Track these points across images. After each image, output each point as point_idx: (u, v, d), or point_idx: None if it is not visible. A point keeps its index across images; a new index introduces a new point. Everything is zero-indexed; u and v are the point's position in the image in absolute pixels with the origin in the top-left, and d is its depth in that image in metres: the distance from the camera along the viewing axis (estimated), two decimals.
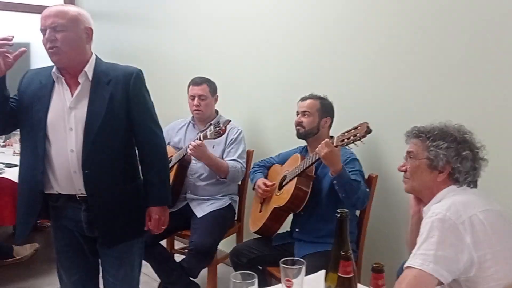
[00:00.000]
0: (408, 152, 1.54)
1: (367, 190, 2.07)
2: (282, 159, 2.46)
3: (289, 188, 2.18)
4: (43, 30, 1.66)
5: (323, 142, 1.98)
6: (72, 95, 1.72)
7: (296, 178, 2.16)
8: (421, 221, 1.44)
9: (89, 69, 1.72)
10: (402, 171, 1.56)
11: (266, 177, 2.47)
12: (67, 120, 1.69)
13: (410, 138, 1.55)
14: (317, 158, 2.04)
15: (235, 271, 2.30)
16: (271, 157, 2.56)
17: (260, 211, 2.40)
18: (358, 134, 1.88)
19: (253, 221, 2.44)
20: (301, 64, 2.67)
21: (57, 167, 1.71)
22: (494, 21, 1.89)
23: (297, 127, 2.28)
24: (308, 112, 2.25)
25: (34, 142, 1.71)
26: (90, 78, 1.73)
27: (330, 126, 2.29)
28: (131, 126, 1.78)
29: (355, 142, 1.91)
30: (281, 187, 2.29)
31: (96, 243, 1.83)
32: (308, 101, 2.27)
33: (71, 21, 1.67)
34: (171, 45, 3.55)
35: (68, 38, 1.66)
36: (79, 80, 1.72)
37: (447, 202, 1.37)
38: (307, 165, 2.12)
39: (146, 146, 1.83)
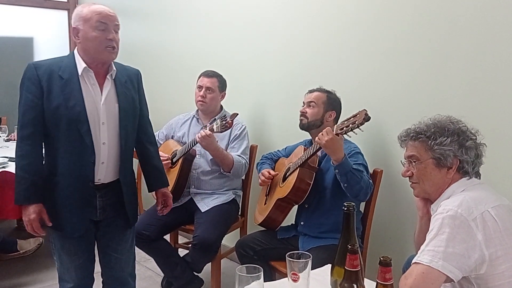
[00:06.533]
0: (410, 157, 1.49)
1: (370, 181, 2.05)
2: (289, 152, 2.45)
3: (291, 179, 2.18)
4: (104, 25, 1.75)
5: (324, 130, 1.97)
6: (101, 91, 1.82)
7: (298, 169, 2.15)
8: (430, 221, 1.42)
9: (114, 68, 1.86)
10: (407, 176, 1.52)
11: (273, 169, 2.46)
12: (101, 114, 1.80)
13: (407, 141, 1.50)
14: (318, 147, 2.04)
15: (241, 263, 2.31)
16: (278, 150, 2.55)
17: (265, 203, 2.40)
18: (356, 122, 1.88)
19: (258, 213, 2.44)
20: (306, 60, 2.65)
21: None
22: (500, 21, 1.87)
23: (301, 117, 2.27)
24: (314, 103, 2.24)
25: (78, 134, 1.76)
26: (113, 76, 1.85)
27: (335, 120, 2.27)
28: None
29: (354, 130, 1.90)
30: (285, 178, 2.29)
31: (100, 226, 1.94)
32: (315, 93, 2.27)
33: (119, 25, 1.85)
34: (175, 41, 3.54)
35: (119, 40, 1.83)
36: (108, 77, 1.84)
37: (458, 198, 1.34)
38: (309, 156, 2.12)
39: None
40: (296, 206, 2.29)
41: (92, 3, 1.79)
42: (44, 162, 1.83)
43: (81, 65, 1.78)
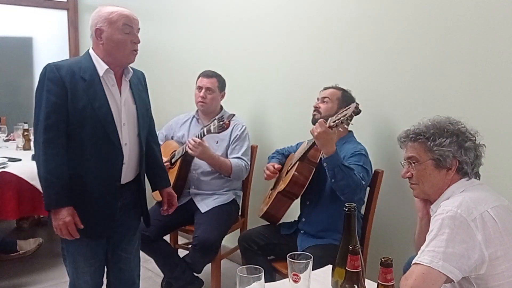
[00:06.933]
0: (409, 158, 1.49)
1: (363, 182, 2.03)
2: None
3: (290, 173, 2.20)
4: (129, 28, 1.79)
5: (317, 122, 1.98)
6: (119, 92, 1.84)
7: (297, 163, 2.17)
8: (430, 222, 1.42)
9: (130, 70, 1.89)
10: (406, 177, 1.52)
11: (282, 164, 2.45)
12: (122, 115, 1.83)
13: (407, 142, 1.51)
14: (314, 141, 2.04)
15: (243, 256, 2.33)
16: (291, 146, 2.54)
17: (269, 197, 2.41)
18: (346, 115, 1.89)
19: (262, 206, 2.44)
20: (306, 60, 2.65)
21: None
22: (501, 20, 1.87)
23: (314, 112, 2.27)
24: (328, 98, 2.23)
25: (105, 136, 1.77)
26: (129, 78, 1.88)
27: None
28: None
29: (344, 123, 1.90)
30: (287, 173, 2.30)
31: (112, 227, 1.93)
32: (330, 89, 2.27)
33: None
34: (175, 41, 3.54)
35: None
36: (126, 79, 1.87)
37: (458, 199, 1.34)
38: (306, 149, 2.13)
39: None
40: (299, 203, 2.30)
41: (113, 5, 1.80)
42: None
43: (101, 66, 1.78)
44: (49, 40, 4.41)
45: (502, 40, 1.88)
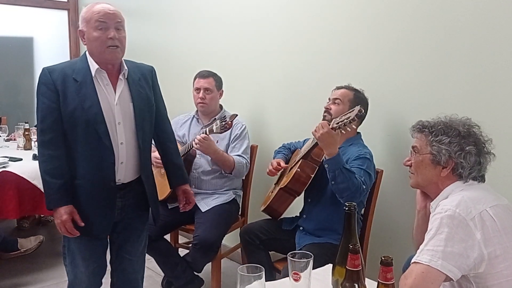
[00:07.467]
0: (413, 147, 1.53)
1: (364, 186, 2.01)
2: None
3: (293, 170, 2.20)
4: (103, 24, 1.73)
5: (319, 123, 1.97)
6: (114, 91, 1.81)
7: (300, 161, 2.17)
8: (427, 217, 1.43)
9: (125, 67, 1.85)
10: (407, 165, 1.55)
11: (288, 159, 2.46)
12: (116, 114, 1.80)
13: (415, 132, 1.53)
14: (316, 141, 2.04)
15: (245, 250, 2.34)
16: (298, 141, 2.53)
17: (272, 192, 2.42)
18: (349, 118, 1.89)
19: (264, 200, 2.45)
20: (306, 59, 2.65)
21: None
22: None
23: (324, 113, 2.23)
24: (339, 100, 2.19)
25: (96, 136, 1.76)
26: (126, 75, 1.84)
27: (361, 120, 2.21)
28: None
29: (346, 126, 1.90)
30: (291, 169, 2.31)
31: (116, 227, 1.93)
32: (342, 90, 2.23)
33: (124, 21, 1.81)
34: (176, 40, 3.54)
35: (124, 37, 1.81)
36: (121, 77, 1.83)
37: (457, 198, 1.35)
38: (309, 148, 2.14)
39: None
40: (303, 199, 2.31)
41: (95, 3, 1.78)
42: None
43: (93, 66, 1.78)
44: (49, 40, 4.41)
45: (502, 38, 1.88)
